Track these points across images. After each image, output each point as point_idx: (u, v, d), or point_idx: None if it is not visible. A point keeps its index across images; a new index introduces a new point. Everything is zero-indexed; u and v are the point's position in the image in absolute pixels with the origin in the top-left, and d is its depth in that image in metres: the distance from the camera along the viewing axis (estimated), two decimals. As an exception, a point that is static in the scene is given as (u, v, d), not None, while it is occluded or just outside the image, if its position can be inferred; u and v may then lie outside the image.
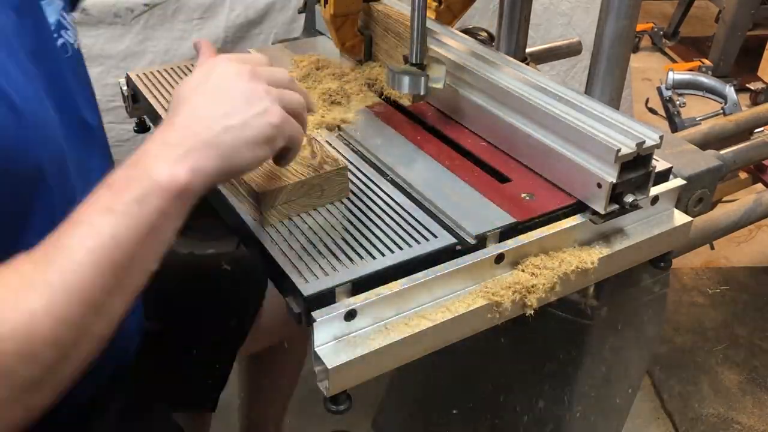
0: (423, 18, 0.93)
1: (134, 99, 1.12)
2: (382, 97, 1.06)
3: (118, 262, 0.56)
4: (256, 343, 1.19)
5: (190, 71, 1.15)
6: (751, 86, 3.11)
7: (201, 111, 0.61)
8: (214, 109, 0.61)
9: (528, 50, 1.29)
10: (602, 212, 0.79)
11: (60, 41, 0.78)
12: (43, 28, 0.75)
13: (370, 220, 0.79)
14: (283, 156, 0.69)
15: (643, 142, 0.76)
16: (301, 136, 0.68)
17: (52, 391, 0.56)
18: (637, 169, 0.78)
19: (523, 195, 0.83)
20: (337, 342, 0.69)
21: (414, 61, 0.96)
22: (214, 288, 1.15)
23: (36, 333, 0.52)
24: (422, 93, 0.97)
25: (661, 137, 0.78)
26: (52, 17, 0.77)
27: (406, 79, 0.95)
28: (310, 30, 1.34)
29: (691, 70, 2.84)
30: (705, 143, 1.22)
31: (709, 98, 2.23)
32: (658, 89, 2.28)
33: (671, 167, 0.87)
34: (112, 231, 0.55)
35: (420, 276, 0.72)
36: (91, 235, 0.55)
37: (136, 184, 0.57)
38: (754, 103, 3.08)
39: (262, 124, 0.62)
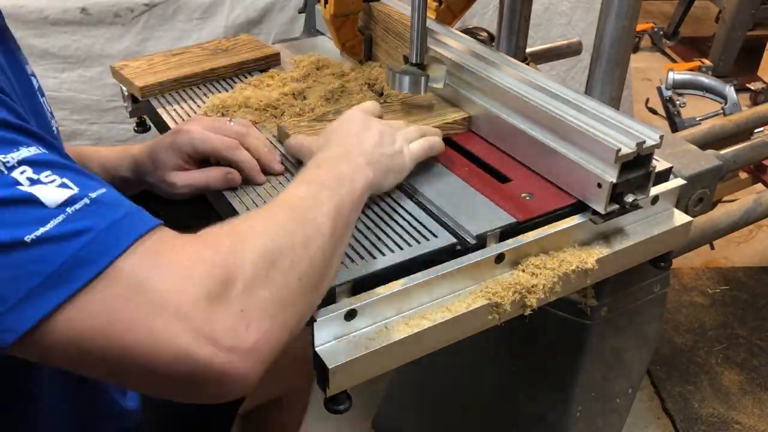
0: (423, 18, 0.93)
1: (134, 99, 1.12)
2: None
3: (340, 227, 0.67)
4: (251, 400, 1.12)
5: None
6: (751, 86, 3.10)
7: (366, 143, 0.79)
8: (371, 140, 0.80)
9: (528, 50, 1.29)
10: (602, 212, 0.79)
11: (36, 84, 0.76)
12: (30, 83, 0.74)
13: (370, 220, 0.79)
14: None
15: (644, 142, 0.76)
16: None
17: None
18: (637, 169, 0.78)
19: (523, 195, 0.83)
20: (337, 342, 0.69)
21: (414, 61, 0.96)
22: None
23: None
24: (422, 93, 0.97)
25: (661, 137, 0.78)
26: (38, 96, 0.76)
27: (406, 79, 0.95)
28: (310, 30, 1.34)
29: (691, 70, 2.84)
30: (705, 143, 1.22)
31: (709, 98, 2.23)
32: (658, 89, 2.27)
33: (671, 167, 0.87)
34: (338, 201, 0.68)
35: (420, 276, 0.72)
36: (326, 203, 0.67)
37: (346, 166, 0.74)
38: (754, 103, 3.08)
39: (403, 160, 0.82)
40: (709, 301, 2.06)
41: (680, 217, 0.89)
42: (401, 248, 0.74)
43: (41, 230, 0.51)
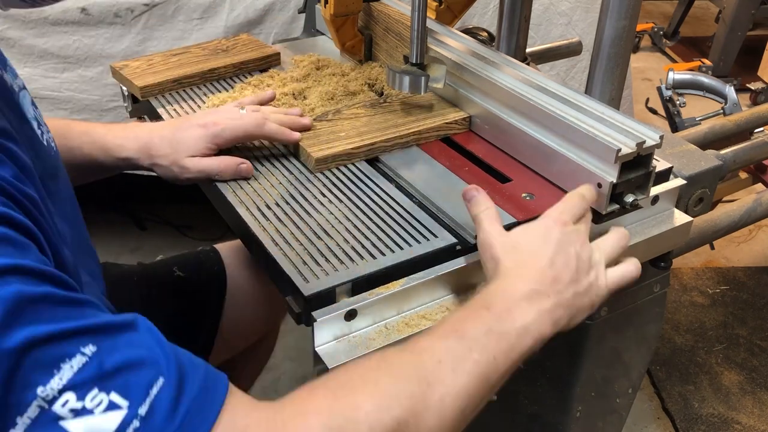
0: (423, 18, 0.93)
1: (134, 99, 1.12)
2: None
3: (471, 406, 0.59)
4: (217, 357, 1.09)
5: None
6: (751, 86, 3.10)
7: (559, 272, 0.65)
8: (566, 273, 0.66)
9: (528, 50, 1.29)
10: (602, 212, 0.79)
11: (44, 138, 0.69)
12: (34, 135, 0.67)
13: (371, 220, 0.79)
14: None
15: (644, 142, 0.76)
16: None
17: None
18: (637, 169, 0.78)
19: (523, 195, 0.83)
20: (337, 342, 0.69)
21: (414, 61, 0.96)
22: (167, 296, 1.05)
23: None
24: (422, 93, 0.97)
25: (661, 137, 0.78)
26: (30, 112, 0.68)
27: (406, 79, 0.95)
28: (310, 30, 1.34)
29: (691, 70, 2.84)
30: (705, 143, 1.22)
31: (709, 98, 2.22)
32: (658, 89, 2.27)
33: (671, 167, 0.87)
34: (487, 368, 0.59)
35: (420, 276, 0.72)
36: (467, 373, 0.58)
37: (526, 314, 0.62)
38: (754, 103, 3.08)
39: (596, 296, 0.68)
40: (709, 301, 2.06)
41: (680, 217, 0.89)
42: (401, 248, 0.75)
43: None
